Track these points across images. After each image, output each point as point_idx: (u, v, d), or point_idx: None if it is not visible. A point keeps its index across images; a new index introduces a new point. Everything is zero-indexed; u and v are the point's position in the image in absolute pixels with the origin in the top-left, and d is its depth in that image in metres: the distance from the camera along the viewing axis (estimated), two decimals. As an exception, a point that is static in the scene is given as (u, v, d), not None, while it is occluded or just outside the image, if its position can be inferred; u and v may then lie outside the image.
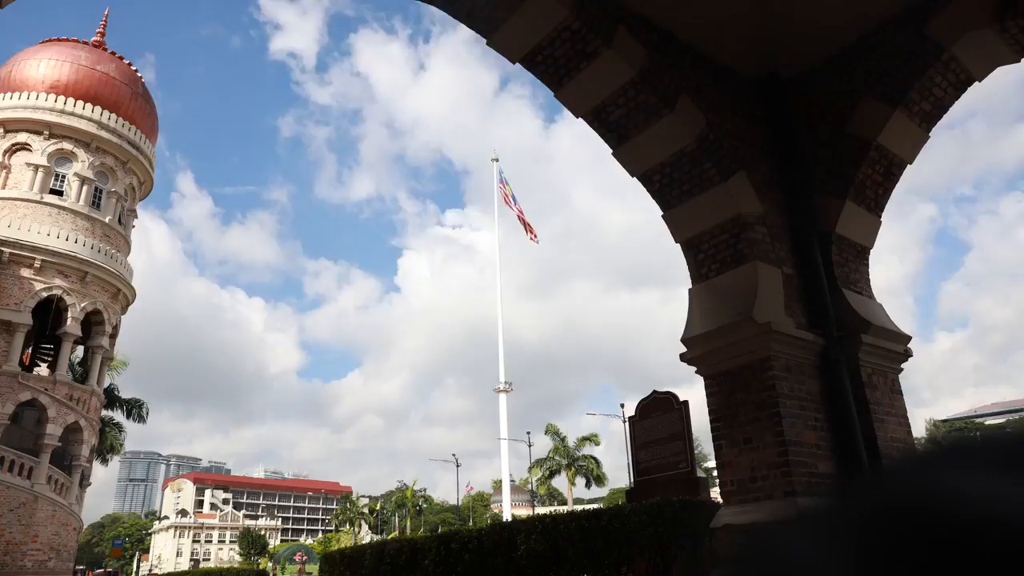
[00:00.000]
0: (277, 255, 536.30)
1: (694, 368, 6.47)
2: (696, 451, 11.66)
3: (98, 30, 33.05)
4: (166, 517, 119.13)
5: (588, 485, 54.21)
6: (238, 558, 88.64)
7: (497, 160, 54.13)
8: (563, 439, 53.03)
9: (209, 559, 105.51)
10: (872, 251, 7.07)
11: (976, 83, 6.64)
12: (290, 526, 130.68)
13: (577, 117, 6.76)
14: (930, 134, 6.91)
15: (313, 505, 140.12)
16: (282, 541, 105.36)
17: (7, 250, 25.58)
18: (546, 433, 53.39)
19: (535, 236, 49.74)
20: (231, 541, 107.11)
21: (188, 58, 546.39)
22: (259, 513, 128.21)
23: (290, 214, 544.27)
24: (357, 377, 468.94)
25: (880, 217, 7.10)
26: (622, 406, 42.01)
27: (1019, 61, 6.39)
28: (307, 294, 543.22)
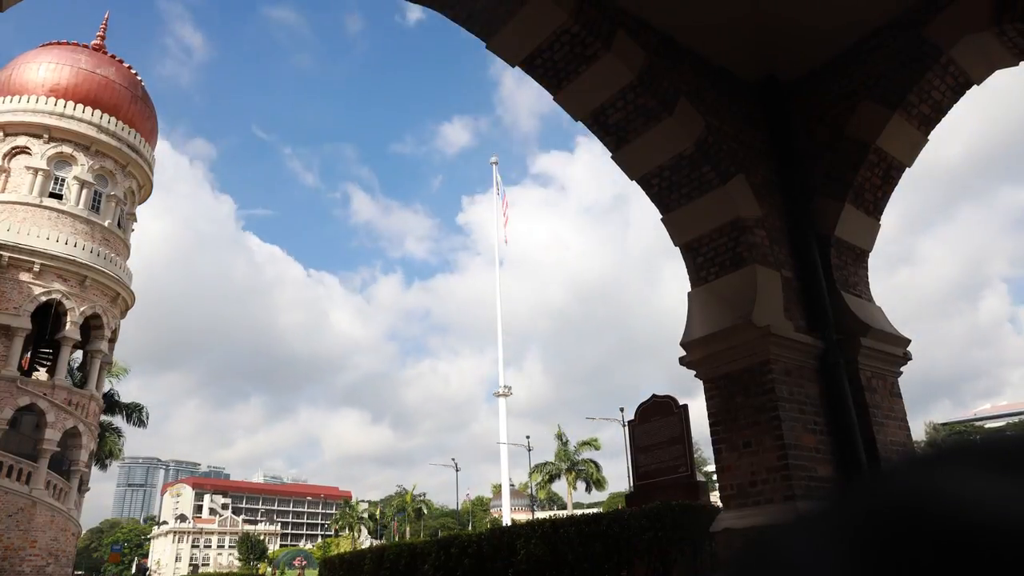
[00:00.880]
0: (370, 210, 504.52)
1: (693, 372, 6.46)
2: (696, 455, 11.65)
3: (98, 34, 33.09)
4: (165, 522, 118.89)
5: (588, 489, 54.35)
6: (237, 563, 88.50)
7: (496, 163, 54.32)
8: (565, 443, 53.14)
9: (208, 564, 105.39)
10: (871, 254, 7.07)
11: (975, 86, 6.66)
12: (289, 531, 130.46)
13: (576, 120, 6.76)
14: (929, 137, 6.92)
15: (312, 510, 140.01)
16: (281, 546, 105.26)
17: (6, 254, 25.56)
18: (555, 437, 53.60)
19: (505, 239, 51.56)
20: (230, 546, 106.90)
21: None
22: (258, 518, 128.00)
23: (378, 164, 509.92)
24: (434, 360, 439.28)
25: (879, 220, 7.09)
26: (621, 410, 42.02)
27: (1017, 64, 6.39)
28: (391, 258, 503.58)
